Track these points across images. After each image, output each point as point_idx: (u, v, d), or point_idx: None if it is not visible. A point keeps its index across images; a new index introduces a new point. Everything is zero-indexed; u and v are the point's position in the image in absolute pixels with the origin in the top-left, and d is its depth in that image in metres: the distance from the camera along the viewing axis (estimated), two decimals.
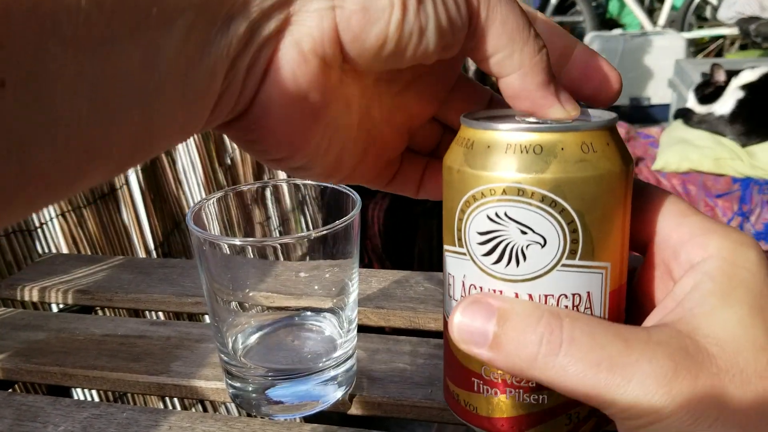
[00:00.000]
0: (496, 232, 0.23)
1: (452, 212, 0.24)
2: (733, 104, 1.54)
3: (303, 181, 0.46)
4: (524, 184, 0.22)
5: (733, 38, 3.12)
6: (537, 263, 0.22)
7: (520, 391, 0.24)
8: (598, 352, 0.20)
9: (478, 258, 0.23)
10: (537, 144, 0.22)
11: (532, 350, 0.21)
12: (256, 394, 0.42)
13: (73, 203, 0.83)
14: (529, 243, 0.22)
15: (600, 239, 0.23)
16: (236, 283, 0.41)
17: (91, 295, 0.58)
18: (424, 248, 1.43)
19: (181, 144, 1.09)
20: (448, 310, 0.25)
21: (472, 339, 0.22)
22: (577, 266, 0.23)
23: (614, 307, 0.24)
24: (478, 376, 0.24)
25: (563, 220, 0.22)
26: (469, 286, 0.24)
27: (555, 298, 0.23)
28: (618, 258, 0.23)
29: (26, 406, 0.44)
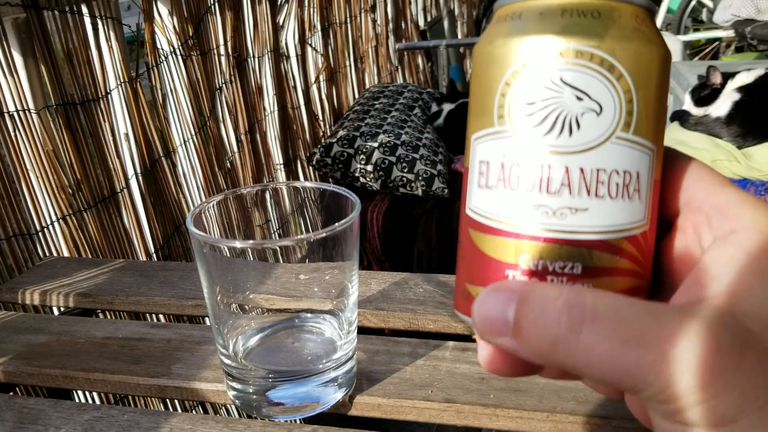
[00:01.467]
0: (549, 99, 0.21)
1: (492, 90, 0.22)
2: (730, 106, 1.54)
3: (302, 183, 0.46)
4: (584, 45, 0.21)
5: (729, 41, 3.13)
6: (592, 132, 0.21)
7: (564, 279, 0.22)
8: (626, 327, 0.18)
9: (525, 131, 0.22)
10: (595, 9, 0.21)
11: (553, 331, 0.19)
12: (257, 396, 0.42)
13: (74, 207, 0.83)
14: (584, 110, 0.21)
15: (650, 116, 0.22)
16: (236, 286, 0.42)
17: (92, 298, 0.58)
18: (423, 250, 1.43)
19: (181, 148, 1.09)
20: (475, 202, 0.23)
21: (495, 328, 0.20)
22: (630, 141, 0.22)
23: (656, 199, 0.23)
24: (513, 266, 0.22)
25: (620, 88, 0.21)
26: (511, 166, 0.22)
27: (607, 173, 0.21)
28: (661, 145, 0.23)
29: (27, 409, 0.44)
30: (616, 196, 0.22)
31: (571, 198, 0.21)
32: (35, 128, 0.77)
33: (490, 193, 0.23)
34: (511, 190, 0.22)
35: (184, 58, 1.08)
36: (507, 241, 0.22)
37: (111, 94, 0.91)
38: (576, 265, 0.22)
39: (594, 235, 0.22)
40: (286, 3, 1.54)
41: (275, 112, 1.48)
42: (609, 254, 0.22)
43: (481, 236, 0.23)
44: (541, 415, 0.41)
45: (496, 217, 0.22)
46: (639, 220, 0.22)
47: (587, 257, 0.22)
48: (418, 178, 1.43)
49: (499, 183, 0.22)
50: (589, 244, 0.22)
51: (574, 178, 0.21)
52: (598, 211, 0.22)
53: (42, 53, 0.79)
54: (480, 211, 0.23)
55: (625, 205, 0.22)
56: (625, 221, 0.22)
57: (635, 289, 0.22)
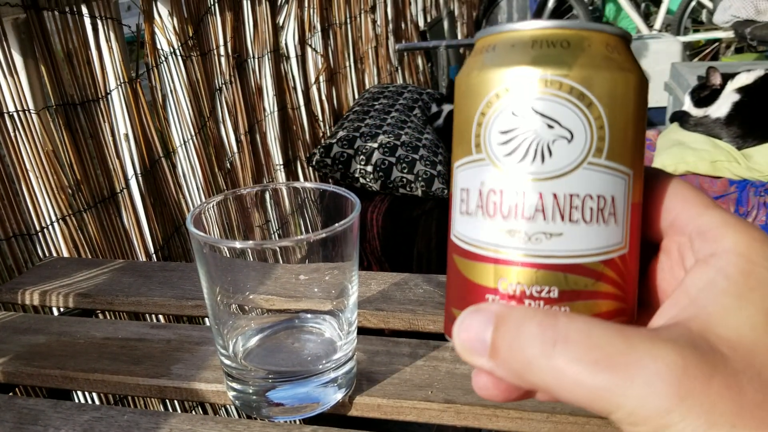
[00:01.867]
0: (522, 128, 0.22)
1: (469, 120, 0.23)
2: (729, 107, 1.54)
3: (302, 184, 0.46)
4: (553, 75, 0.21)
5: (729, 41, 3.14)
6: (563, 159, 0.22)
7: (541, 303, 0.22)
8: (596, 350, 0.19)
9: (499, 159, 0.22)
10: (564, 39, 0.22)
11: (527, 352, 0.20)
12: (257, 397, 0.42)
13: (73, 207, 0.83)
14: (555, 138, 0.22)
15: (624, 141, 0.22)
16: (236, 286, 0.42)
17: (91, 298, 0.58)
18: (422, 250, 1.43)
19: (181, 148, 1.09)
20: (458, 228, 0.24)
21: (473, 348, 0.21)
22: (603, 166, 0.22)
23: (635, 221, 0.23)
24: (492, 291, 0.23)
25: (591, 115, 0.22)
26: (488, 193, 0.23)
27: (580, 198, 0.22)
28: (639, 169, 0.23)
29: (27, 410, 0.44)
30: (590, 220, 0.22)
31: (546, 223, 0.22)
32: (35, 128, 0.77)
33: (470, 220, 0.23)
34: (489, 217, 0.23)
35: (184, 59, 1.08)
36: (486, 267, 0.23)
37: (111, 95, 0.91)
38: (552, 289, 0.22)
39: (569, 259, 0.22)
40: (286, 4, 1.54)
41: (275, 113, 1.48)
42: (585, 277, 0.22)
43: (464, 261, 0.24)
44: (540, 415, 0.41)
45: (476, 243, 0.23)
46: (616, 243, 0.23)
47: (563, 281, 0.22)
48: (417, 178, 1.43)
49: (477, 210, 0.23)
50: (564, 268, 0.22)
51: (547, 203, 0.22)
52: (573, 235, 0.22)
53: (42, 54, 0.79)
54: (462, 237, 0.24)
55: (600, 229, 0.22)
56: (601, 245, 0.22)
57: (615, 311, 0.23)
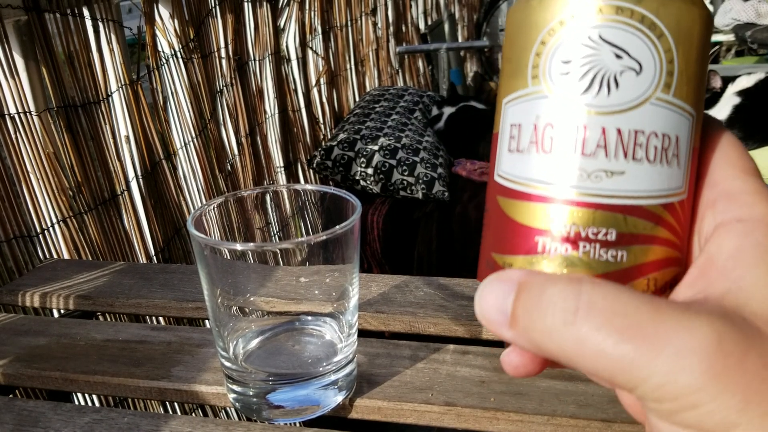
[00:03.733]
0: (587, 57, 0.21)
1: (526, 51, 0.22)
2: (730, 110, 1.54)
3: (303, 186, 0.46)
4: (624, 1, 0.20)
5: (729, 45, 3.14)
6: (631, 92, 0.20)
7: (597, 246, 0.21)
8: (622, 319, 0.17)
9: (560, 90, 0.21)
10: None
11: (547, 321, 0.18)
12: (257, 399, 0.42)
13: (74, 209, 0.83)
14: (623, 69, 0.20)
15: (691, 79, 0.21)
16: (237, 288, 0.42)
17: (92, 300, 0.58)
18: (423, 253, 1.43)
19: (181, 150, 1.09)
20: (505, 168, 0.22)
21: (493, 318, 0.20)
22: (670, 103, 0.21)
23: (695, 167, 0.22)
24: (544, 233, 0.21)
25: (661, 47, 0.20)
26: (544, 127, 0.21)
27: (645, 135, 0.20)
28: (700, 112, 0.22)
29: (27, 412, 0.44)
30: (654, 160, 0.21)
31: (607, 160, 0.21)
32: (36, 130, 0.77)
33: (521, 157, 0.22)
34: (544, 153, 0.21)
35: (185, 61, 1.09)
36: (537, 206, 0.21)
37: (112, 97, 0.91)
38: (610, 231, 0.21)
39: (630, 200, 0.21)
40: (287, 6, 1.54)
41: (276, 115, 1.48)
42: (645, 221, 0.21)
43: (510, 202, 0.22)
44: (541, 418, 0.41)
45: (527, 181, 0.22)
46: (677, 187, 0.21)
47: (622, 223, 0.21)
48: (418, 181, 1.43)
49: (531, 146, 0.21)
50: (624, 209, 0.21)
51: (610, 139, 0.20)
52: (635, 175, 0.21)
53: (43, 55, 0.79)
54: (510, 177, 0.22)
55: (663, 171, 0.21)
56: (663, 187, 0.21)
57: (671, 260, 0.22)
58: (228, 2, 1.22)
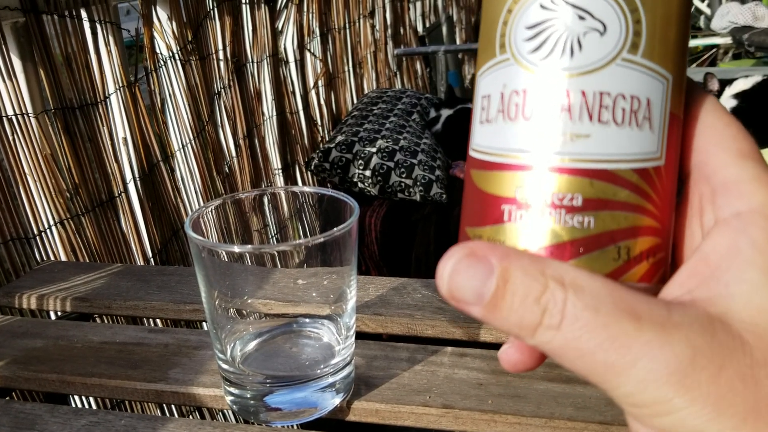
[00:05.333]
0: (550, 21, 0.20)
1: (495, 20, 0.21)
2: None
3: (300, 188, 0.46)
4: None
5: (727, 47, 3.15)
6: (595, 53, 0.20)
7: (562, 212, 0.20)
8: (602, 331, 0.18)
9: (524, 57, 0.20)
10: None
11: (533, 321, 0.18)
12: (255, 401, 0.42)
13: (71, 211, 0.83)
14: (586, 30, 0.20)
15: (663, 40, 0.20)
16: (234, 290, 0.42)
17: (89, 302, 0.58)
18: (421, 255, 1.43)
19: (179, 152, 1.09)
20: (476, 140, 0.22)
21: (464, 297, 0.19)
22: (638, 64, 0.20)
23: (674, 134, 0.21)
24: (510, 201, 0.21)
25: (626, 6, 0.20)
26: (510, 94, 0.21)
27: (612, 97, 0.20)
28: (679, 76, 0.21)
29: (24, 414, 0.44)
30: (621, 122, 0.20)
31: (572, 123, 0.20)
32: (33, 132, 0.77)
33: (489, 127, 0.21)
34: (509, 120, 0.21)
35: (182, 63, 1.09)
36: (504, 175, 0.21)
37: (109, 99, 0.91)
38: (576, 196, 0.20)
39: (596, 163, 0.20)
40: (285, 8, 1.54)
41: (274, 117, 1.48)
42: (613, 185, 0.20)
43: (481, 174, 0.22)
44: (539, 421, 0.41)
45: (494, 150, 0.21)
46: (650, 152, 0.20)
47: (588, 188, 0.20)
48: (416, 183, 1.43)
49: (498, 115, 0.21)
50: (590, 173, 0.20)
51: (575, 101, 0.20)
52: (602, 137, 0.20)
53: (41, 57, 0.79)
54: (480, 148, 0.22)
55: (633, 134, 0.20)
56: (633, 151, 0.20)
57: (645, 228, 0.21)
58: (226, 4, 1.22)
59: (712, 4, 3.19)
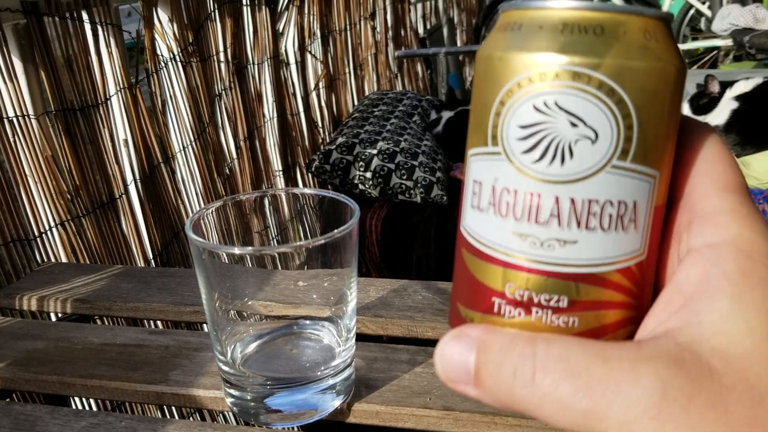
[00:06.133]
0: (542, 124, 0.20)
1: (487, 107, 0.21)
2: (728, 115, 1.55)
3: (301, 190, 0.46)
4: (581, 67, 0.19)
5: (728, 50, 3.15)
6: (585, 162, 0.20)
7: (548, 312, 0.21)
8: (574, 379, 0.18)
9: (516, 156, 0.21)
10: (598, 24, 0.20)
11: (509, 382, 0.19)
12: (255, 403, 0.42)
13: (72, 213, 0.83)
14: (578, 138, 0.20)
15: (654, 141, 0.20)
16: (235, 292, 0.42)
17: (89, 304, 0.58)
18: (421, 257, 1.43)
19: (180, 154, 1.09)
20: (468, 222, 0.23)
21: (457, 377, 0.20)
22: (627, 169, 0.20)
23: (657, 226, 0.21)
24: (499, 294, 0.21)
25: (619, 113, 0.20)
26: (501, 191, 0.21)
27: (600, 204, 0.20)
28: (666, 169, 0.21)
29: (24, 416, 0.44)
30: (608, 228, 0.21)
31: (560, 230, 0.21)
32: (34, 134, 0.77)
33: (481, 216, 0.22)
34: (501, 217, 0.21)
35: (183, 65, 1.09)
36: (495, 268, 0.22)
37: (110, 100, 0.91)
38: (562, 298, 0.21)
39: (582, 268, 0.21)
40: (286, 10, 1.55)
41: (274, 119, 1.48)
42: (597, 287, 0.21)
43: (472, 259, 0.22)
44: (539, 423, 0.41)
45: (486, 242, 0.22)
46: (633, 251, 0.21)
47: (574, 291, 0.21)
48: (416, 185, 1.43)
49: (490, 207, 0.22)
50: (576, 277, 0.21)
51: (564, 208, 0.20)
52: (588, 243, 0.21)
53: (42, 59, 0.79)
54: (472, 233, 0.22)
55: (618, 237, 0.21)
56: (617, 253, 0.21)
57: (625, 321, 0.22)
58: (227, 6, 1.23)
59: (713, 6, 3.19)
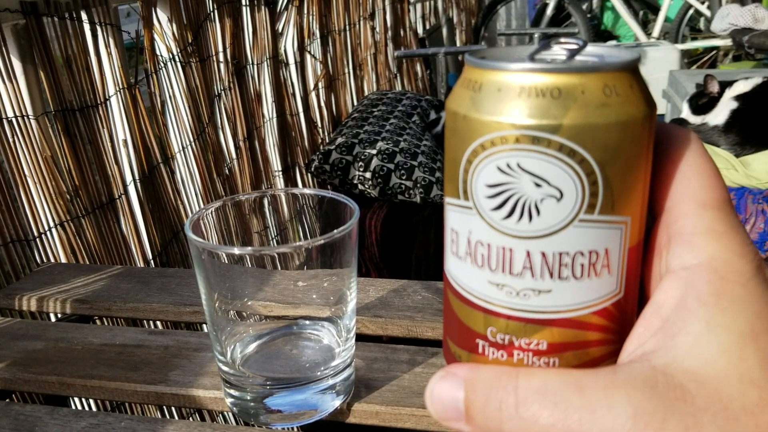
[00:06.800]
0: (507, 184, 0.21)
1: (456, 163, 0.22)
2: (727, 114, 1.55)
3: (301, 190, 0.46)
4: (540, 131, 0.20)
5: (727, 49, 3.15)
6: (552, 218, 0.20)
7: (529, 354, 0.22)
8: (552, 409, 0.19)
9: (486, 212, 0.21)
10: (555, 87, 0.20)
11: (496, 416, 0.20)
12: (255, 403, 0.42)
13: (71, 213, 0.83)
14: (543, 197, 0.20)
15: (621, 192, 0.21)
16: (234, 293, 0.42)
17: (89, 304, 0.58)
18: (421, 257, 1.43)
19: (179, 154, 1.09)
20: (450, 267, 0.23)
21: (448, 415, 0.21)
22: (595, 221, 0.21)
23: (633, 264, 0.22)
24: (482, 337, 0.22)
25: (582, 172, 0.20)
26: (476, 243, 0.22)
27: (570, 255, 0.21)
28: (638, 211, 0.21)
29: (24, 416, 0.44)
30: (581, 276, 0.21)
31: (534, 281, 0.21)
32: (34, 134, 0.77)
33: (460, 264, 0.23)
34: (477, 267, 0.22)
35: (183, 65, 1.09)
36: (476, 313, 0.22)
37: (110, 101, 0.91)
38: (541, 342, 0.22)
39: (558, 314, 0.21)
40: (285, 10, 1.55)
41: (274, 119, 1.48)
42: (575, 330, 0.22)
43: (457, 302, 0.23)
44: None
45: (467, 287, 0.23)
46: (609, 292, 0.22)
47: (552, 335, 0.22)
48: (416, 185, 1.43)
49: (467, 257, 0.22)
50: (553, 323, 0.21)
51: (535, 261, 0.21)
52: (562, 291, 0.21)
53: (41, 59, 0.79)
54: (454, 278, 0.23)
55: (592, 283, 0.21)
56: (592, 297, 0.21)
57: (606, 355, 0.22)
58: (226, 6, 1.23)
59: (712, 5, 3.19)
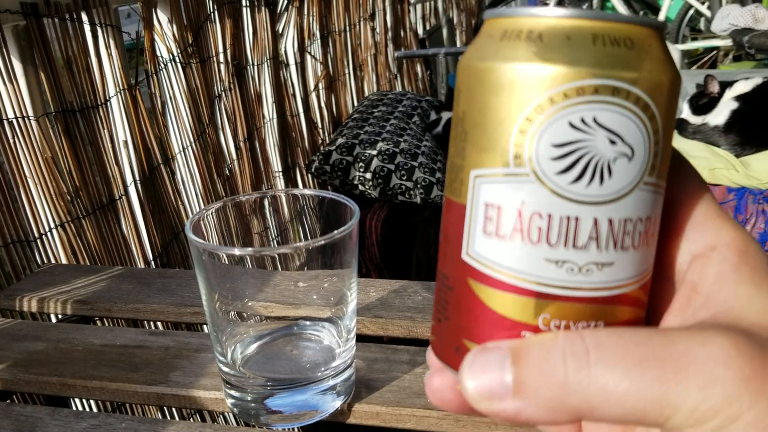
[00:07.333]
0: (580, 142, 0.19)
1: (506, 124, 0.19)
2: (728, 115, 1.55)
3: (301, 191, 0.46)
4: (621, 81, 0.18)
5: (727, 50, 3.15)
6: (622, 180, 0.19)
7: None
8: (635, 350, 0.17)
9: (548, 177, 0.19)
10: (628, 37, 0.19)
11: (559, 371, 0.17)
12: (255, 404, 0.42)
13: (72, 214, 0.83)
14: (617, 155, 0.19)
15: (666, 154, 0.20)
16: (235, 293, 0.42)
17: (90, 305, 0.58)
18: (422, 258, 1.43)
19: (180, 155, 1.09)
20: (481, 250, 0.20)
21: (491, 394, 0.18)
22: (653, 185, 0.20)
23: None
24: (532, 327, 0.20)
25: (651, 128, 0.19)
26: (531, 215, 0.19)
27: (633, 222, 0.19)
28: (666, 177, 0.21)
29: (24, 417, 0.44)
30: (638, 246, 0.20)
31: (599, 253, 0.19)
32: (34, 135, 0.77)
33: (502, 244, 0.20)
34: (531, 244, 0.19)
35: (183, 66, 1.09)
36: (524, 300, 0.20)
37: (110, 102, 0.91)
38: (599, 323, 0.20)
39: (617, 290, 0.20)
40: (285, 11, 1.55)
41: (274, 120, 1.48)
42: (628, 307, 0.20)
43: (489, 290, 0.20)
44: None
45: (512, 271, 0.20)
46: (650, 264, 0.21)
47: (610, 314, 0.20)
48: (416, 185, 1.43)
49: (515, 234, 0.20)
50: (612, 300, 0.20)
51: (602, 230, 0.19)
52: (623, 264, 0.20)
53: (41, 60, 0.79)
54: (487, 262, 0.20)
55: (642, 254, 0.20)
56: (642, 270, 0.20)
57: None
58: (227, 7, 1.23)
59: (712, 6, 3.19)
